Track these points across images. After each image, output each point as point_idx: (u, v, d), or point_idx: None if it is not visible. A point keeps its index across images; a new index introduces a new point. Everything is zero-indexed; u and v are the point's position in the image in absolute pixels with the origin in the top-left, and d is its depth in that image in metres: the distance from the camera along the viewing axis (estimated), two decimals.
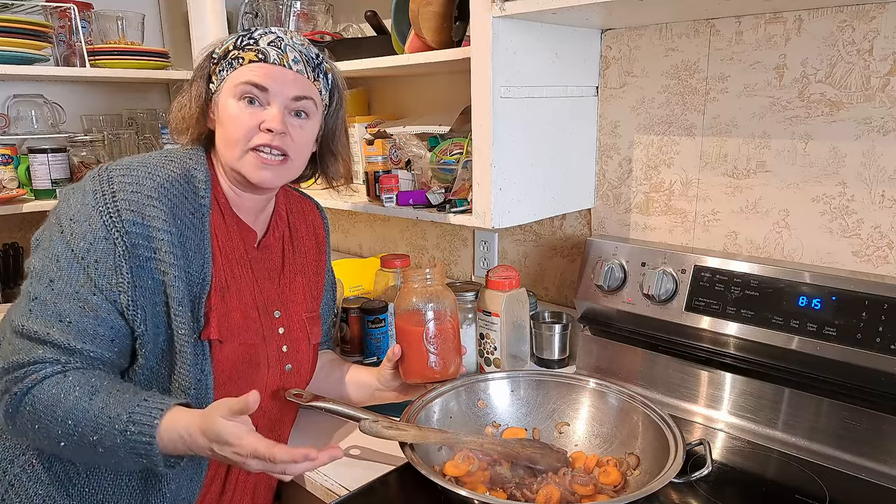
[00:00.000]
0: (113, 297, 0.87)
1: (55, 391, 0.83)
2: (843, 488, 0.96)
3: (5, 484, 0.92)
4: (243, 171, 0.96)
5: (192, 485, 0.96)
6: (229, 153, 0.96)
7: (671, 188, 1.33)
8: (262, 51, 0.95)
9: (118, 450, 0.82)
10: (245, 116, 0.94)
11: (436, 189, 1.38)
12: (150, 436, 0.81)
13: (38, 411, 0.83)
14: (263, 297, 1.03)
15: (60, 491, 0.92)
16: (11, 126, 1.89)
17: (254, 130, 0.94)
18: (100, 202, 0.88)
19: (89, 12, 1.93)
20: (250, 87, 0.94)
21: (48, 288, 0.86)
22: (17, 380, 0.84)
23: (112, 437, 0.82)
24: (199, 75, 1.01)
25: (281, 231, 1.10)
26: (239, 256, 1.01)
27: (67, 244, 0.87)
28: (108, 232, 0.87)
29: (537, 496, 0.90)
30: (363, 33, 1.76)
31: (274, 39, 0.96)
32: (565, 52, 1.30)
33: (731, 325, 1.11)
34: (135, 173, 0.91)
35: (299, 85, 0.97)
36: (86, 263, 0.87)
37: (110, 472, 0.93)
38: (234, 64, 0.96)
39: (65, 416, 0.82)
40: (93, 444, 0.82)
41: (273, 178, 0.97)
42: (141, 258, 0.88)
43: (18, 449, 0.94)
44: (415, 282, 1.06)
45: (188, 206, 0.93)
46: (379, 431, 0.94)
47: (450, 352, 1.05)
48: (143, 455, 0.82)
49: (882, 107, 1.06)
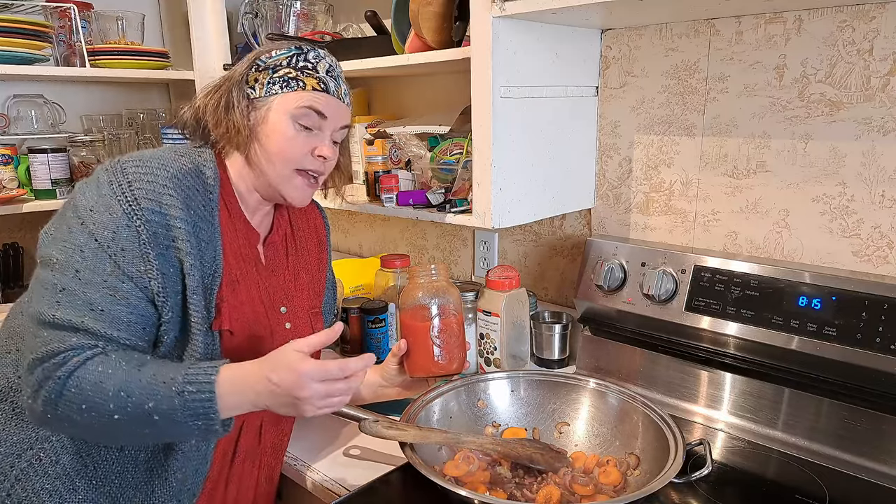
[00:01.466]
0: (143, 283, 0.87)
1: (101, 369, 0.83)
2: (843, 488, 0.96)
3: (11, 479, 0.92)
4: (284, 189, 1.00)
5: (196, 476, 0.97)
6: (273, 169, 0.98)
7: (671, 188, 1.34)
8: (322, 80, 0.99)
9: (176, 413, 0.82)
10: (301, 139, 0.98)
11: (436, 189, 1.38)
12: (209, 391, 0.82)
13: (86, 391, 0.82)
14: (269, 293, 1.04)
15: (67, 485, 0.92)
16: (11, 126, 1.89)
17: (306, 155, 0.99)
18: (117, 192, 0.88)
19: (89, 12, 1.93)
20: (313, 112, 0.98)
21: (74, 278, 0.86)
22: (57, 366, 0.83)
23: (169, 400, 0.82)
24: (240, 79, 0.99)
25: (283, 229, 1.12)
26: (245, 254, 1.01)
27: (91, 234, 0.87)
28: (129, 220, 0.87)
29: (537, 496, 0.91)
30: (363, 33, 1.76)
31: (329, 68, 1.01)
32: (565, 52, 1.30)
33: (731, 325, 1.11)
34: (148, 164, 0.91)
35: (346, 115, 1.04)
36: (112, 251, 0.86)
37: (118, 462, 0.93)
38: (292, 85, 0.98)
39: (116, 389, 0.82)
40: (148, 413, 0.82)
41: (307, 197, 1.04)
42: (162, 246, 0.89)
43: (25, 444, 0.94)
44: (421, 277, 1.07)
45: (200, 199, 0.94)
46: (379, 431, 0.94)
47: (455, 346, 1.05)
48: (202, 414, 0.82)
49: (882, 107, 1.06)
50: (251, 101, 0.99)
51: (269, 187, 1.00)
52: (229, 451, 1.01)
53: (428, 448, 0.97)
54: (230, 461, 1.02)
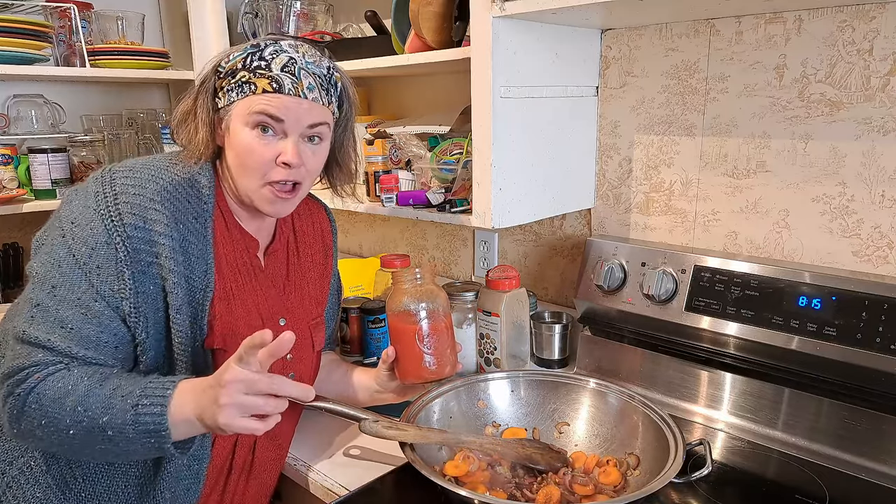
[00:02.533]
0: (115, 303, 0.87)
1: (61, 384, 0.82)
2: (843, 488, 0.96)
3: (2, 486, 0.92)
4: (257, 202, 0.95)
5: (188, 495, 0.95)
6: (244, 182, 0.94)
7: (671, 188, 1.34)
8: (275, 79, 0.90)
9: (127, 429, 0.80)
10: (260, 148, 0.92)
11: (436, 189, 1.38)
12: (161, 406, 0.79)
13: (45, 406, 0.82)
14: (268, 306, 1.02)
15: (58, 494, 0.91)
16: (11, 126, 1.89)
17: (270, 164, 0.92)
18: (101, 205, 0.87)
19: (89, 12, 1.93)
20: (265, 117, 0.91)
21: (50, 294, 0.86)
22: (19, 382, 0.83)
23: (123, 415, 0.80)
24: (204, 89, 0.96)
25: (286, 237, 1.09)
26: (242, 265, 0.99)
27: (69, 249, 0.86)
28: (109, 236, 0.86)
29: (537, 496, 0.91)
30: (363, 33, 1.76)
31: (287, 63, 0.91)
32: (565, 52, 1.30)
33: (731, 325, 1.11)
34: (138, 175, 0.90)
35: (314, 113, 0.94)
36: (87, 269, 0.86)
37: (107, 476, 0.92)
38: (245, 89, 0.91)
39: (74, 404, 0.81)
40: (102, 428, 0.80)
41: (285, 208, 0.97)
42: (143, 263, 0.88)
43: (17, 451, 0.93)
44: (405, 282, 1.04)
45: (191, 211, 0.92)
46: (379, 431, 0.94)
47: (444, 351, 1.03)
48: (153, 431, 0.80)
49: (882, 107, 1.06)
50: (218, 111, 0.94)
51: (246, 200, 0.96)
52: (224, 468, 1.00)
53: (428, 448, 0.97)
54: (225, 478, 1.01)
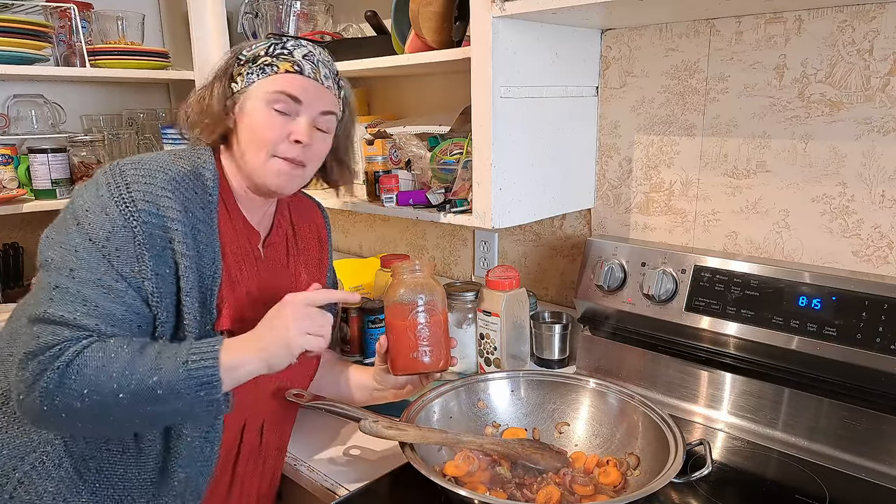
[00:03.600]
0: (136, 284, 0.87)
1: (102, 354, 0.83)
2: (843, 488, 0.96)
3: (14, 481, 0.92)
4: (263, 175, 0.98)
5: (200, 478, 0.97)
6: (252, 156, 0.98)
7: (671, 188, 1.34)
8: (297, 63, 0.97)
9: (179, 384, 0.82)
10: (276, 124, 0.96)
11: (436, 189, 1.38)
12: (213, 358, 0.84)
13: (88, 376, 0.82)
14: (270, 293, 1.03)
15: (70, 488, 0.92)
16: (11, 126, 1.89)
17: (282, 139, 0.97)
18: (115, 193, 0.88)
19: (89, 12, 1.93)
20: (285, 96, 0.96)
21: (69, 277, 0.85)
22: (54, 357, 0.82)
23: (174, 371, 0.82)
24: (222, 73, 1.01)
25: (284, 230, 1.11)
26: (245, 254, 1.01)
27: (86, 234, 0.87)
28: (126, 220, 0.87)
29: (537, 496, 0.91)
30: (363, 33, 1.76)
31: (307, 53, 0.99)
32: (565, 52, 1.30)
33: (731, 325, 1.11)
34: (147, 167, 0.91)
35: (328, 100, 1.01)
36: (106, 252, 0.86)
37: (120, 467, 0.93)
38: (266, 70, 0.97)
39: (122, 369, 0.82)
40: (152, 388, 0.82)
41: (290, 184, 1.01)
42: (158, 247, 0.89)
43: (28, 447, 0.94)
44: (403, 273, 1.05)
45: (198, 201, 0.94)
46: (379, 431, 0.94)
47: (437, 344, 1.03)
48: (206, 383, 0.83)
49: (882, 107, 1.06)
50: (234, 94, 0.99)
51: (251, 177, 0.99)
52: (233, 451, 1.01)
53: (428, 448, 0.97)
54: (234, 462, 1.02)
